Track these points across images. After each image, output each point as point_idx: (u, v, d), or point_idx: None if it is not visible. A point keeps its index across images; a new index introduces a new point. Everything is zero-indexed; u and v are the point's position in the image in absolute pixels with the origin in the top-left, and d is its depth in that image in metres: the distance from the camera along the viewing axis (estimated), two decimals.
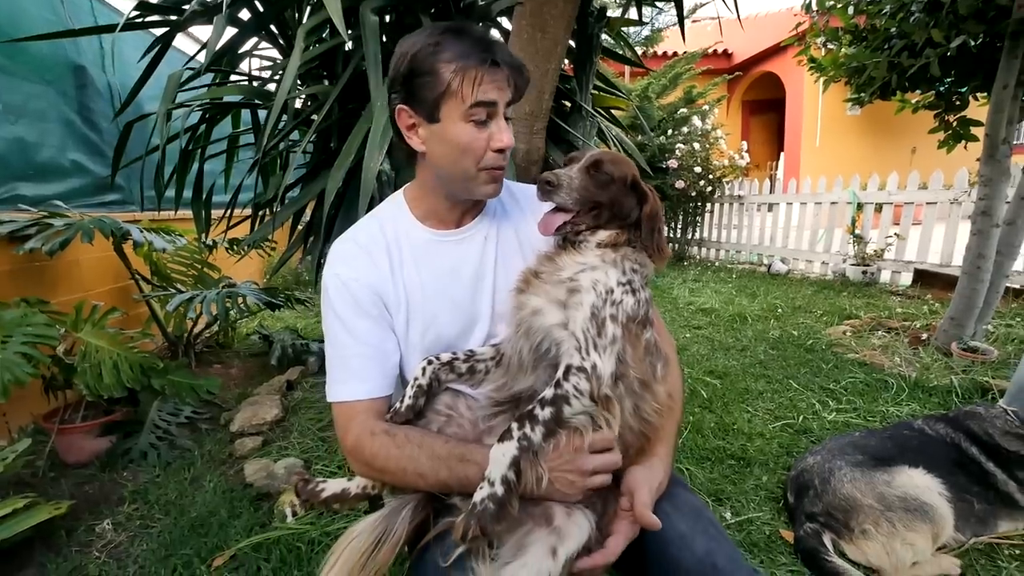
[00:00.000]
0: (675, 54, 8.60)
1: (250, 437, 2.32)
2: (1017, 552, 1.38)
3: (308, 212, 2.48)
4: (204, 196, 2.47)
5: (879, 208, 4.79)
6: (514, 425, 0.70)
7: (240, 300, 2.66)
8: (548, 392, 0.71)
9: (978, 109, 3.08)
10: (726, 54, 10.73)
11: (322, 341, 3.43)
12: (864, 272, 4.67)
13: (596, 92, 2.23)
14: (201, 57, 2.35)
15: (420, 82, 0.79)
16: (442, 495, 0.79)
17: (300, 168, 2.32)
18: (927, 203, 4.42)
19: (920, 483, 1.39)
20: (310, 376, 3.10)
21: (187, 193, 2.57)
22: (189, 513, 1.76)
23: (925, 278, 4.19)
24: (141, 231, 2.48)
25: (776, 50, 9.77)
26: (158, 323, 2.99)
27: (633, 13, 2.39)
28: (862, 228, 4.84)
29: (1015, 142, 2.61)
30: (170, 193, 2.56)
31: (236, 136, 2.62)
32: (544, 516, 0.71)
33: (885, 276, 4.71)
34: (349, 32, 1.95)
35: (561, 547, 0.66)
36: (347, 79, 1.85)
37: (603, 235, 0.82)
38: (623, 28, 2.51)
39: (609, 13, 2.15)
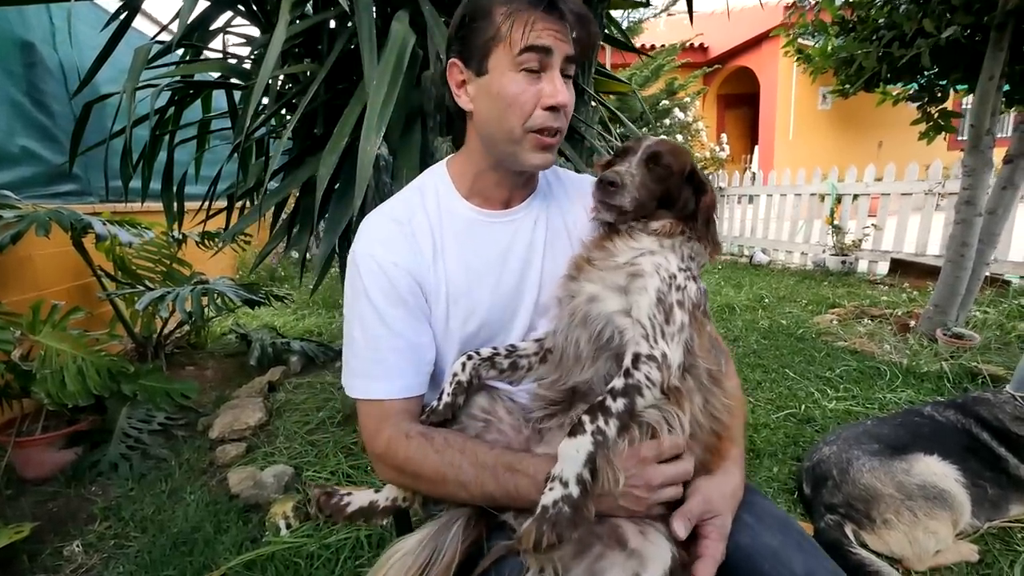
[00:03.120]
0: (653, 47, 8.61)
1: (232, 443, 2.16)
2: None
3: (290, 203, 2.33)
4: (175, 186, 2.28)
5: (855, 199, 4.91)
6: (585, 418, 0.62)
7: (217, 297, 2.48)
8: (618, 382, 0.63)
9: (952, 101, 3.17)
10: (702, 48, 10.84)
11: (303, 339, 3.23)
12: (843, 262, 4.78)
13: (597, 77, 2.15)
14: (167, 36, 2.15)
15: (473, 28, 0.72)
16: (491, 509, 0.70)
17: (282, 155, 2.16)
18: (902, 194, 4.55)
19: (937, 470, 1.38)
20: (293, 376, 2.94)
21: (154, 183, 2.37)
22: (169, 529, 1.62)
23: (902, 267, 4.32)
24: (104, 224, 2.28)
25: (751, 45, 9.94)
26: (124, 323, 2.77)
27: None
28: (840, 219, 4.95)
29: (997, 134, 2.66)
30: (136, 183, 2.36)
31: (208, 120, 2.43)
32: (614, 536, 0.63)
33: (863, 266, 4.84)
34: (339, 3, 1.81)
35: (644, 574, 0.58)
36: (336, 57, 1.71)
37: (657, 224, 0.75)
38: (615, 10, 2.43)
39: None
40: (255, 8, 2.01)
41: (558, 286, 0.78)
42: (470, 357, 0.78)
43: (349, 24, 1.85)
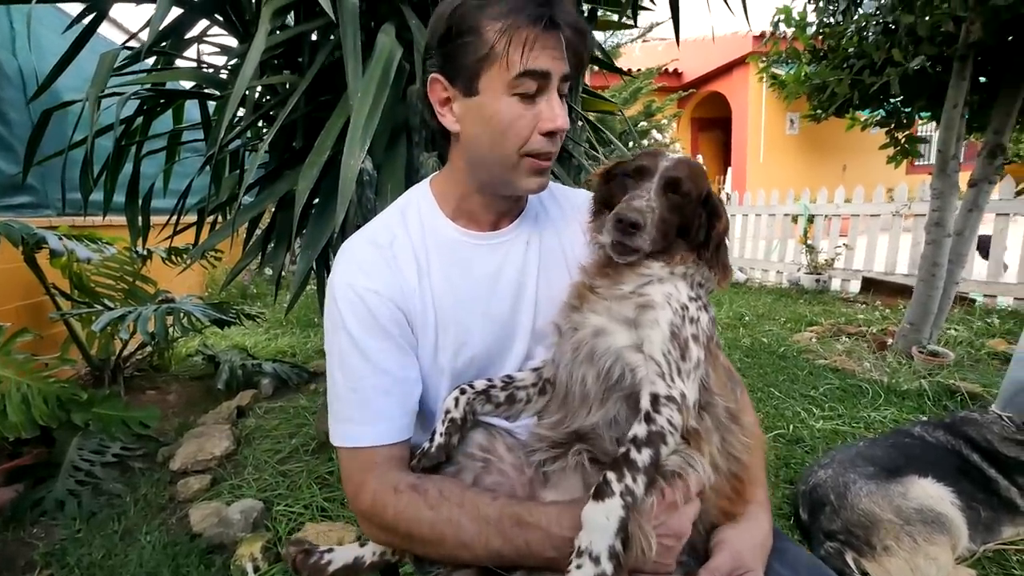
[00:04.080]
0: (629, 71, 8.87)
1: (195, 476, 2.00)
2: None
3: (265, 218, 2.22)
4: (140, 199, 2.15)
5: (827, 219, 5.08)
6: (611, 476, 0.55)
7: (183, 316, 2.33)
8: (640, 429, 0.57)
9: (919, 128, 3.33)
10: (676, 73, 11.21)
11: (276, 360, 3.07)
12: (817, 280, 4.90)
13: (584, 96, 2.15)
14: (137, 45, 2.05)
15: (459, 44, 0.65)
16: (498, 569, 0.62)
17: (258, 169, 2.06)
18: (871, 215, 4.72)
19: (933, 493, 1.36)
20: (264, 400, 2.79)
21: (118, 196, 2.24)
22: None
23: (873, 285, 4.45)
24: (60, 238, 2.13)
25: (723, 71, 10.35)
26: (79, 345, 2.57)
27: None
28: (813, 239, 5.10)
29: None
30: (98, 196, 2.21)
31: (179, 132, 2.32)
32: None
33: (836, 284, 4.97)
34: (324, 13, 1.76)
35: None
36: (318, 69, 1.65)
37: (667, 256, 0.69)
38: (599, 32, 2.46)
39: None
40: (233, 17, 1.94)
41: (558, 314, 0.72)
42: (463, 391, 0.71)
43: (332, 37, 1.80)
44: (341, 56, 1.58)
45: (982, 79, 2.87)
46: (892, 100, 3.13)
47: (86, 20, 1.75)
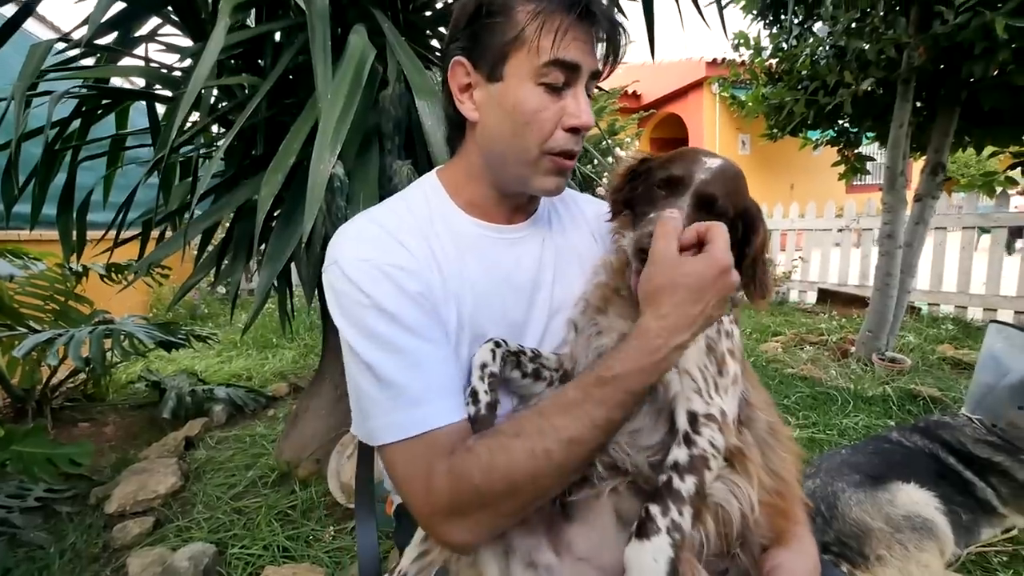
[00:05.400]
0: (597, 88, 9.14)
1: (135, 519, 1.78)
2: (1005, 559, 1.41)
3: (220, 231, 2.06)
4: (75, 210, 1.94)
5: (783, 234, 5.32)
6: (654, 510, 0.49)
7: (124, 339, 2.10)
8: (680, 454, 0.51)
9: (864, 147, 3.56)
10: (635, 95, 11.66)
11: (230, 385, 2.83)
12: (776, 292, 5.09)
13: None
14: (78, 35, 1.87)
15: (488, 24, 0.61)
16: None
17: (213, 178, 1.91)
18: (822, 229, 4.98)
19: (918, 499, 1.37)
20: (216, 429, 2.55)
21: (48, 207, 2.01)
22: None
23: (828, 296, 4.66)
24: None
25: (679, 94, 10.84)
26: None
27: None
28: (770, 252, 5.31)
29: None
30: (24, 207, 1.98)
31: (123, 137, 2.13)
32: None
33: (794, 295, 5.19)
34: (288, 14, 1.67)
35: None
36: (282, 70, 1.54)
37: None
38: None
39: None
40: (186, 15, 1.80)
41: (576, 312, 0.67)
42: (499, 344, 0.64)
43: (296, 39, 1.71)
44: (306, 59, 1.49)
45: (919, 103, 3.10)
46: (842, 120, 3.33)
47: (6, 11, 1.57)
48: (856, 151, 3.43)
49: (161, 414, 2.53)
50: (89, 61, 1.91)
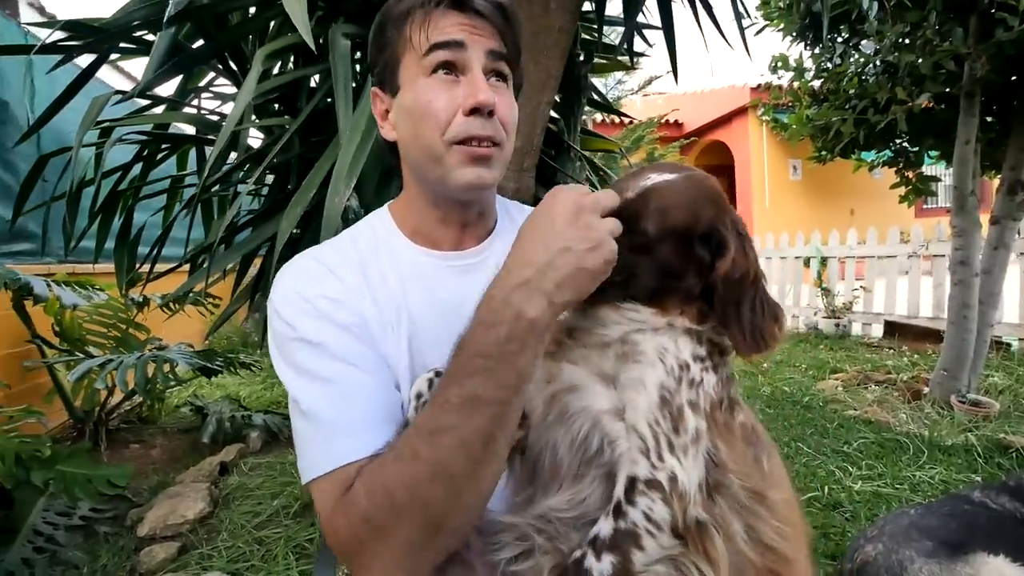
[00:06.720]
0: (631, 122, 9.14)
1: (163, 543, 1.82)
2: None
3: (257, 263, 2.15)
4: (129, 243, 2.10)
5: (842, 262, 4.95)
6: None
7: (167, 366, 2.22)
8: (604, 527, 0.44)
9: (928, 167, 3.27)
10: (677, 124, 11.53)
11: (268, 411, 2.88)
12: (837, 324, 4.70)
13: (582, 135, 2.12)
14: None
15: (382, 46, 0.64)
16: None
17: (250, 213, 2.03)
18: (886, 256, 4.58)
19: (1008, 574, 1.14)
20: (250, 455, 2.61)
21: (111, 243, 2.20)
22: None
23: (896, 329, 4.23)
24: (48, 284, 2.07)
25: (722, 121, 10.62)
26: (62, 396, 2.46)
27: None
28: (828, 281, 4.94)
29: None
30: (90, 242, 2.18)
31: (180, 177, 2.32)
32: None
33: (856, 328, 4.76)
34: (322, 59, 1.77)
35: None
36: (311, 110, 1.63)
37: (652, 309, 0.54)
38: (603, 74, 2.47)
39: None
40: (233, 66, 1.97)
41: None
42: (439, 374, 0.59)
43: (327, 83, 1.81)
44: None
45: (988, 118, 2.83)
46: (898, 139, 3.10)
47: (81, 63, 1.77)
48: (918, 171, 3.16)
49: (202, 438, 2.63)
50: (158, 110, 2.12)
